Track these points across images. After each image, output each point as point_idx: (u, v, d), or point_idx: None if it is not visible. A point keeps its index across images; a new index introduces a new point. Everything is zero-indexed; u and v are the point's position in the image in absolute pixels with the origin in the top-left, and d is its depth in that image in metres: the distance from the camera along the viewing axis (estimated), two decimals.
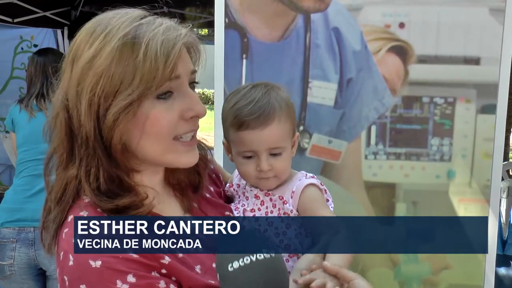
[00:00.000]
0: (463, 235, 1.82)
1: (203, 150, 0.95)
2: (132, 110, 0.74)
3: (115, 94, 0.73)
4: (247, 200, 1.04)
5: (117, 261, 0.72)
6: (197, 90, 0.90)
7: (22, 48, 3.83)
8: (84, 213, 0.77)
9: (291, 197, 1.01)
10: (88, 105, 0.74)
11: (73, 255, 0.73)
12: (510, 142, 2.56)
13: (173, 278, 0.77)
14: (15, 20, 3.74)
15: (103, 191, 0.77)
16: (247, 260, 0.67)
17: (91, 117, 0.75)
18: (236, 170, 1.09)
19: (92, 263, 0.71)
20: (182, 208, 0.90)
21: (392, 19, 1.78)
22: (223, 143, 1.06)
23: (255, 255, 0.68)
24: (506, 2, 1.72)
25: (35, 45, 3.83)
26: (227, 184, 1.10)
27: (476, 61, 1.78)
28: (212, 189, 1.02)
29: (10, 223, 2.05)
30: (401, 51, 1.79)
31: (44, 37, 3.93)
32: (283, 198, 1.01)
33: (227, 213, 0.98)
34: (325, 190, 1.07)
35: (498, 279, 1.85)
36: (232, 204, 1.05)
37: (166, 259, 0.77)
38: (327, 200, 1.06)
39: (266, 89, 1.00)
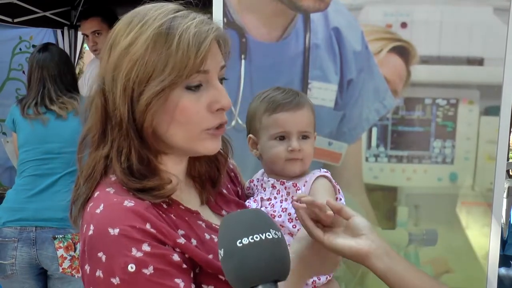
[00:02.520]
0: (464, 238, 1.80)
1: (226, 146, 1.00)
2: (163, 96, 0.79)
3: (148, 80, 0.79)
4: (264, 191, 1.12)
5: (134, 231, 0.76)
6: None
7: (20, 49, 3.82)
8: (110, 190, 0.82)
9: (304, 185, 1.08)
10: (123, 90, 0.80)
11: (94, 225, 0.78)
12: (510, 142, 2.55)
13: (186, 255, 0.81)
14: (15, 20, 3.74)
15: (132, 171, 0.82)
16: (256, 237, 0.69)
17: (126, 101, 0.80)
18: (260, 171, 1.18)
19: (110, 230, 0.75)
20: (200, 200, 0.96)
21: (393, 19, 1.76)
22: (249, 138, 1.15)
23: (264, 234, 0.69)
24: (510, 2, 1.69)
25: (34, 46, 3.82)
26: (249, 180, 1.17)
27: (479, 61, 1.75)
28: (229, 186, 1.08)
29: (11, 222, 2.05)
30: (403, 51, 1.77)
31: (43, 37, 3.91)
32: (296, 185, 1.09)
33: (239, 210, 1.04)
34: (339, 190, 1.12)
35: (498, 279, 1.83)
36: (251, 197, 1.12)
37: (182, 240, 0.81)
38: (340, 199, 1.12)
39: (289, 88, 1.14)
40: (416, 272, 0.83)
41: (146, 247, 0.75)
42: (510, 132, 2.15)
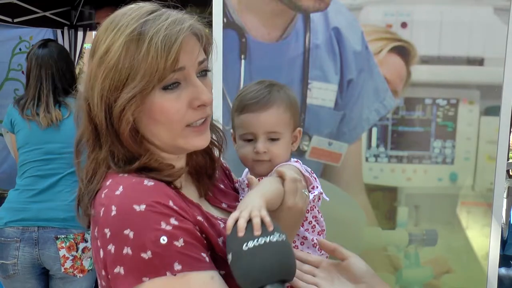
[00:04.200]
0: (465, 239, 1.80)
1: (220, 138, 1.02)
2: (135, 102, 0.80)
3: (122, 87, 0.80)
4: (243, 191, 1.12)
5: (160, 206, 0.78)
6: None
7: (20, 49, 3.80)
8: (123, 175, 0.84)
9: (270, 175, 1.06)
10: (99, 97, 0.82)
11: (116, 205, 0.78)
12: (511, 142, 2.56)
13: (203, 235, 0.83)
14: (15, 20, 3.73)
15: (129, 165, 0.84)
16: (261, 240, 0.70)
17: (102, 108, 0.82)
18: (246, 170, 1.18)
19: (136, 207, 0.77)
20: (198, 194, 0.98)
21: (393, 19, 1.76)
22: (231, 133, 1.15)
23: (269, 236, 0.71)
24: (511, 2, 1.69)
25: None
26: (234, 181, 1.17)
27: (480, 61, 1.75)
28: (226, 181, 1.11)
29: (14, 222, 2.04)
30: (403, 51, 1.76)
31: (43, 37, 3.87)
32: (262, 178, 1.06)
33: (237, 203, 1.05)
34: (315, 178, 1.10)
35: (498, 279, 1.83)
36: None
37: (200, 217, 0.84)
38: (316, 187, 1.08)
39: (269, 83, 1.11)
40: None
41: (174, 221, 0.77)
42: (510, 132, 2.14)
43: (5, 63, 3.72)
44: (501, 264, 3.34)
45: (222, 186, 1.06)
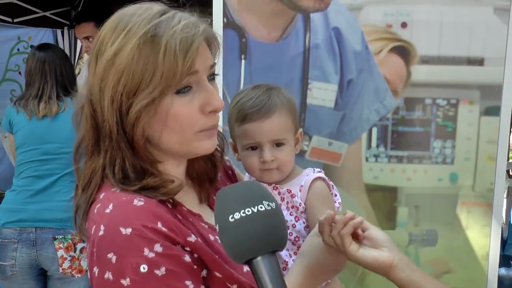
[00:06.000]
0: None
1: (221, 141, 0.98)
2: (153, 108, 0.77)
3: (136, 91, 0.77)
4: None
5: (147, 230, 0.75)
6: None
7: (18, 49, 3.78)
8: (116, 190, 0.81)
9: (300, 191, 1.05)
10: (110, 102, 0.78)
11: (104, 224, 0.76)
12: (511, 142, 2.56)
13: (195, 255, 0.80)
14: (15, 20, 3.72)
15: (129, 178, 0.81)
16: (248, 211, 0.67)
17: (114, 113, 0.78)
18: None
19: (122, 230, 0.74)
20: (199, 199, 0.95)
21: (394, 19, 1.76)
22: (230, 142, 1.10)
23: (256, 206, 0.68)
24: (511, 2, 1.69)
25: (32, 46, 3.80)
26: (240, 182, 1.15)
27: (480, 61, 1.75)
28: (227, 183, 1.06)
29: (11, 223, 2.04)
30: (403, 51, 1.76)
31: (42, 37, 3.88)
32: (291, 191, 1.05)
33: None
34: (332, 185, 1.09)
35: (498, 279, 1.83)
36: None
37: (193, 238, 0.80)
38: (335, 195, 1.09)
39: (267, 88, 1.06)
40: (433, 282, 0.85)
41: (158, 248, 0.75)
42: (510, 132, 2.15)
43: (2, 63, 3.70)
44: (501, 264, 3.33)
45: None
